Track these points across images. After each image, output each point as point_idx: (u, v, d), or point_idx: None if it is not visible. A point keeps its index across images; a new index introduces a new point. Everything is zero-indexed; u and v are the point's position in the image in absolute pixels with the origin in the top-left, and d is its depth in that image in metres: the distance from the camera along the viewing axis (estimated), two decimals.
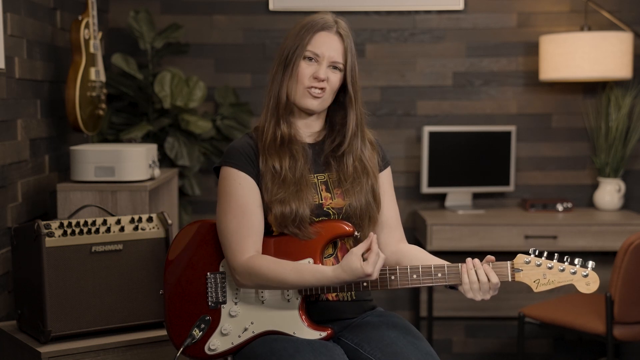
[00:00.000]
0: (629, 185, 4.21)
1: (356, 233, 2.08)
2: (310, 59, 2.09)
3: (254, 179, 2.09)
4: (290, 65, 2.09)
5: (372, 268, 1.92)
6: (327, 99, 2.12)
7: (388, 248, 2.19)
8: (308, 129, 2.17)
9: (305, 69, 2.09)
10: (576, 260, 2.00)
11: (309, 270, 1.99)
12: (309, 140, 2.17)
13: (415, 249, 2.18)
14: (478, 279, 1.99)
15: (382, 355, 2.00)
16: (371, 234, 1.97)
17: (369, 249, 1.94)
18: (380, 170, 2.21)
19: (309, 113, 2.14)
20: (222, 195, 2.09)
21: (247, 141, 2.13)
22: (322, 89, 2.09)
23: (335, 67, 2.11)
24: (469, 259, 2.00)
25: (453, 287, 2.06)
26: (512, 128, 4.10)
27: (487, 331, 4.26)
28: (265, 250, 2.08)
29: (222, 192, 2.09)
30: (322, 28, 2.10)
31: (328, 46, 2.09)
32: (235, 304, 2.10)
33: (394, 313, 2.19)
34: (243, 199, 2.06)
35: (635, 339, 3.27)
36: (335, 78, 2.11)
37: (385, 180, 2.22)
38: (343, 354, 2.01)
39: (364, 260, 1.93)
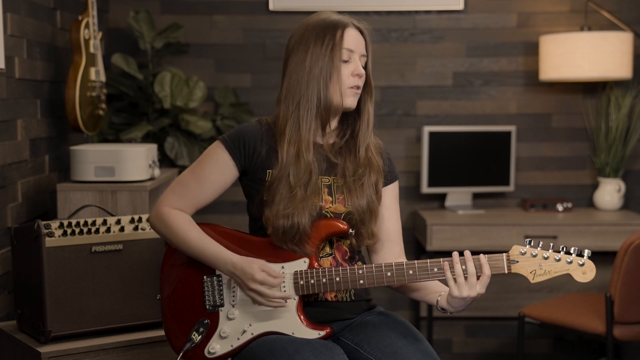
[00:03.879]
0: (629, 185, 4.21)
1: (351, 230, 2.08)
2: (346, 61, 2.09)
3: (239, 167, 2.10)
4: (331, 71, 2.06)
5: (256, 286, 1.99)
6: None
7: (386, 262, 2.19)
8: (324, 130, 2.15)
9: (345, 69, 2.08)
10: (572, 250, 1.99)
11: (211, 252, 2.06)
12: (320, 141, 2.14)
13: None
14: (466, 271, 1.98)
15: (382, 355, 2.00)
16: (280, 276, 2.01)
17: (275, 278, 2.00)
18: (389, 183, 2.21)
19: (340, 112, 2.13)
20: (201, 157, 2.16)
21: (255, 130, 2.12)
22: (359, 87, 2.10)
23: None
24: (455, 253, 1.99)
25: (444, 310, 2.07)
26: (512, 128, 4.10)
27: (487, 331, 4.26)
28: (259, 249, 2.08)
29: (202, 155, 2.16)
30: (346, 25, 2.10)
31: (358, 42, 2.11)
32: (233, 306, 2.10)
33: (394, 313, 2.19)
34: (208, 173, 2.12)
35: (635, 339, 3.27)
36: (364, 72, 2.12)
37: (392, 194, 2.22)
38: (343, 354, 2.00)
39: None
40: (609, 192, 4.09)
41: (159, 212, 2.13)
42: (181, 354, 2.10)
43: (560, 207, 4.04)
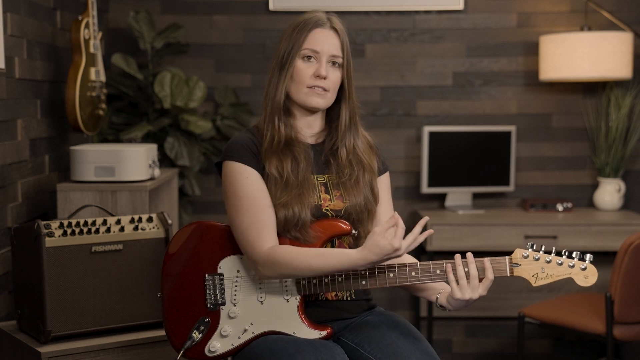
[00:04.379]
0: (629, 185, 4.21)
1: (354, 231, 2.08)
2: (308, 57, 2.09)
3: (258, 171, 2.08)
4: (287, 65, 2.09)
5: (400, 242, 1.90)
6: (331, 97, 2.12)
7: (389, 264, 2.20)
8: (310, 130, 2.17)
9: (305, 69, 2.08)
10: (574, 254, 2.00)
11: (332, 254, 1.98)
12: (310, 141, 2.17)
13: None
14: (468, 273, 1.98)
15: (382, 355, 2.00)
16: (394, 213, 1.93)
17: (392, 227, 1.92)
18: (379, 175, 2.21)
19: (312, 111, 2.14)
20: (230, 191, 2.07)
21: (249, 137, 2.13)
22: (325, 89, 2.09)
23: (334, 63, 2.10)
24: (457, 255, 2.00)
25: (443, 307, 2.07)
26: (512, 128, 4.10)
27: (487, 331, 4.26)
28: None
29: (229, 188, 2.07)
30: (316, 25, 2.10)
31: (325, 42, 2.09)
32: (234, 305, 2.10)
33: (394, 313, 2.19)
34: (253, 193, 2.05)
35: (635, 339, 3.27)
36: (335, 76, 2.11)
37: (383, 186, 2.22)
38: (343, 354, 2.01)
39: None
40: (609, 192, 4.09)
41: (265, 258, 2.01)
42: (181, 352, 2.10)
43: (560, 207, 4.04)
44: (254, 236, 2.02)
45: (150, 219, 2.63)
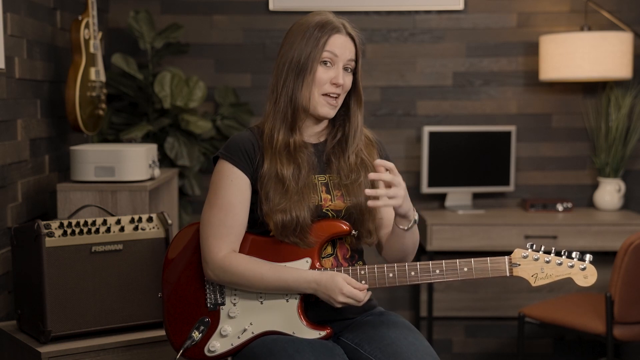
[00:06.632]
0: (629, 185, 4.21)
1: (353, 232, 2.08)
2: (325, 62, 2.07)
3: (249, 177, 2.08)
4: (306, 70, 2.06)
5: (349, 291, 1.97)
6: (340, 103, 2.12)
7: (388, 264, 2.19)
8: (312, 130, 2.16)
9: (324, 74, 2.07)
10: (574, 254, 2.01)
11: (287, 270, 2.03)
12: (312, 140, 2.16)
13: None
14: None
15: (382, 355, 2.00)
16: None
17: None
18: None
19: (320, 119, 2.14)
20: (212, 187, 2.10)
21: (249, 137, 2.12)
22: (337, 97, 2.09)
23: (347, 69, 2.10)
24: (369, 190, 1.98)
25: (408, 224, 2.05)
26: (512, 128, 4.10)
27: (487, 331, 4.26)
28: (262, 250, 2.08)
29: (213, 184, 2.10)
30: (335, 31, 2.07)
31: (344, 49, 2.08)
32: (234, 305, 2.10)
33: (394, 313, 2.19)
34: (231, 197, 2.06)
35: (635, 339, 3.27)
36: (348, 81, 2.11)
37: None
38: (343, 354, 2.01)
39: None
40: (609, 192, 4.09)
41: (217, 263, 2.05)
42: (181, 351, 2.10)
43: (560, 207, 4.04)
44: (214, 239, 2.06)
45: (150, 219, 2.64)
